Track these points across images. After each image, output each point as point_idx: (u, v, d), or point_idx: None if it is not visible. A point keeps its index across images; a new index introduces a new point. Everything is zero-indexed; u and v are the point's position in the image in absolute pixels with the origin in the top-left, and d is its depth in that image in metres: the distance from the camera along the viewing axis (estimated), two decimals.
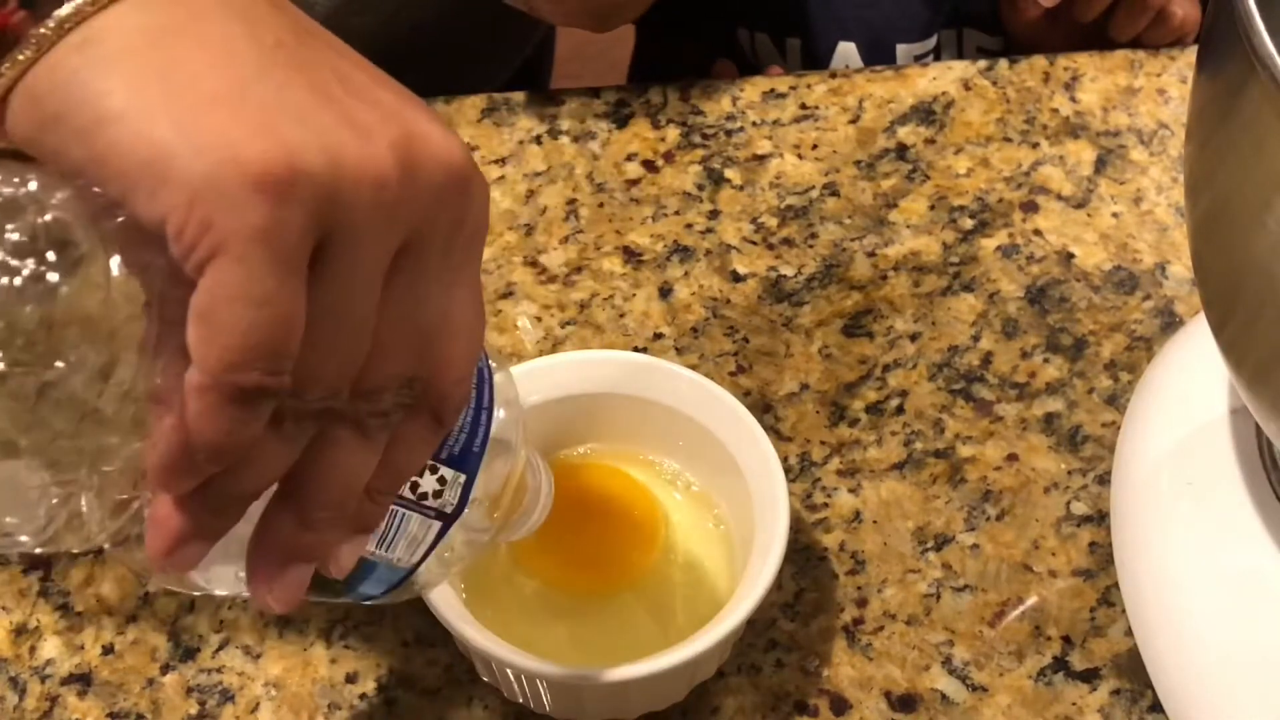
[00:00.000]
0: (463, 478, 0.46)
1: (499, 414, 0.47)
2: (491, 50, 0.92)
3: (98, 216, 0.37)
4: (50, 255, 0.36)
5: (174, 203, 0.35)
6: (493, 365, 0.47)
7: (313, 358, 0.37)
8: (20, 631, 0.62)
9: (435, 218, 0.38)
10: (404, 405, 0.40)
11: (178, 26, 0.36)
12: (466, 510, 0.46)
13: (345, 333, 0.38)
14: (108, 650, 0.61)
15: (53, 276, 0.36)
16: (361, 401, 0.39)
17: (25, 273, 0.36)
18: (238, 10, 0.37)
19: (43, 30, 0.36)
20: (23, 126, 0.37)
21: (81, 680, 0.60)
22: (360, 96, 0.38)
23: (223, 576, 0.43)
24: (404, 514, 0.45)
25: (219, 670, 0.61)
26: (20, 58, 0.36)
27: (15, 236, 0.36)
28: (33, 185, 0.36)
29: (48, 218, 0.36)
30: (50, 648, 0.61)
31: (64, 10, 0.36)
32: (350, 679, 0.60)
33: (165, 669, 0.61)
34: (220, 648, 0.61)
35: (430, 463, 0.45)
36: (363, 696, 0.60)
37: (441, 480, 0.45)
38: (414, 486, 0.45)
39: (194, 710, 0.60)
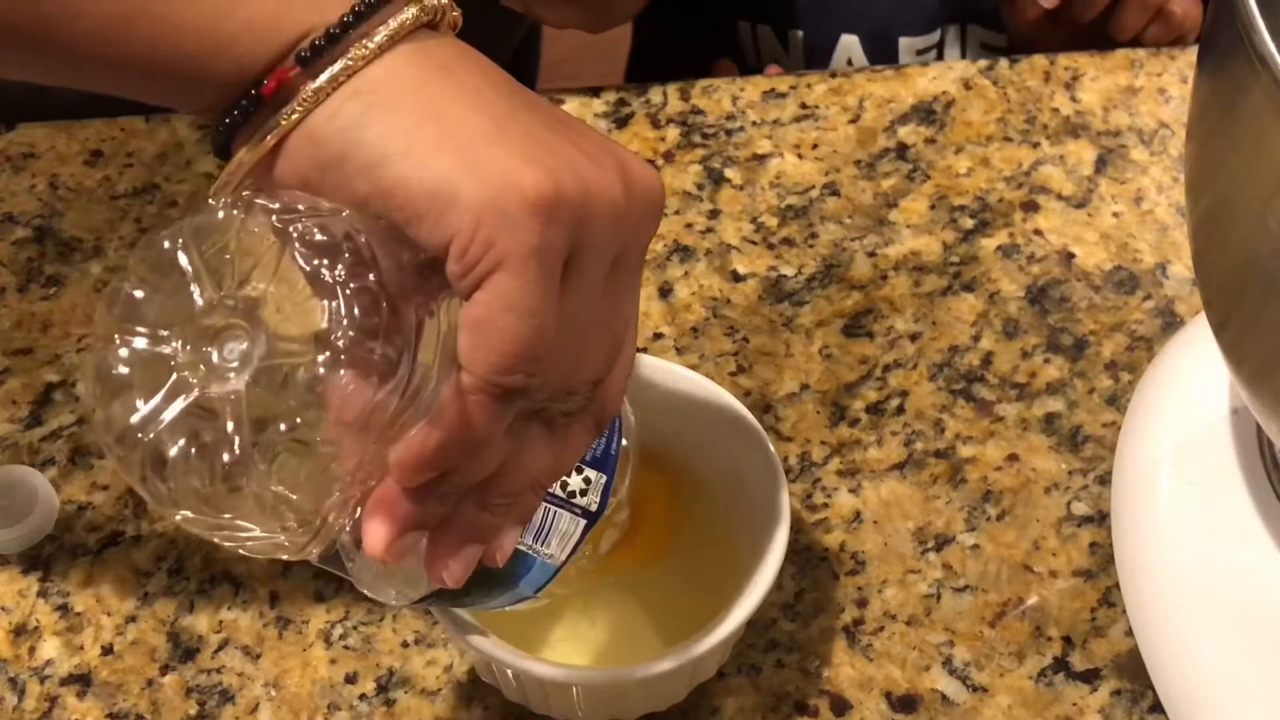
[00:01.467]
0: (604, 478, 0.49)
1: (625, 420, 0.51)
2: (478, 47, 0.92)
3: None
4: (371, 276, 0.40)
5: (460, 225, 0.39)
6: None
7: (551, 361, 0.41)
8: (20, 631, 0.62)
9: (638, 236, 0.43)
10: (583, 407, 0.44)
11: (433, 76, 0.42)
12: (606, 512, 0.50)
13: (578, 339, 0.42)
14: (107, 650, 0.61)
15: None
16: (559, 401, 0.43)
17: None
18: (472, 64, 0.43)
19: (318, 83, 0.41)
20: (299, 166, 0.41)
21: (81, 680, 0.60)
22: (578, 133, 0.43)
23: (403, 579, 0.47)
24: (556, 511, 0.48)
25: (219, 670, 0.61)
26: (299, 108, 0.41)
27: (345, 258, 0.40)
28: (346, 212, 0.41)
29: (362, 239, 0.40)
30: (50, 648, 0.61)
31: (336, 66, 0.41)
32: (350, 679, 0.60)
33: (165, 669, 0.61)
34: (220, 648, 0.61)
35: (576, 464, 0.47)
36: (363, 696, 0.60)
37: (586, 480, 0.49)
38: (563, 485, 0.48)
39: (194, 710, 0.59)
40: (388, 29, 0.41)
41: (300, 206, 0.41)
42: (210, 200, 0.41)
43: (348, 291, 0.40)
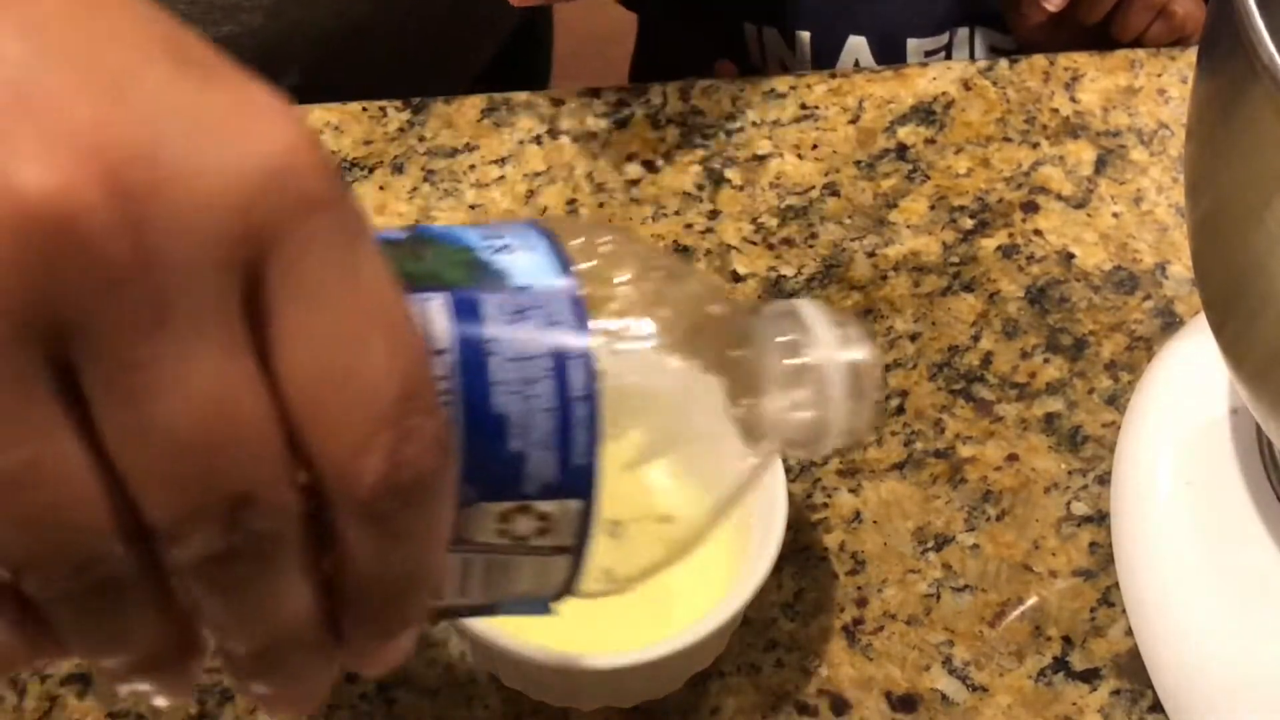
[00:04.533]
0: (574, 504, 0.35)
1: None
2: (461, 36, 0.91)
3: None
4: None
5: None
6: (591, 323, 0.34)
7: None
8: None
9: (249, 238, 0.28)
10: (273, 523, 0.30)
11: None
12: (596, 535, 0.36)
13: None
14: None
15: None
16: (181, 549, 0.31)
17: None
18: None
19: None
20: None
21: (81, 680, 0.60)
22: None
23: None
24: (507, 559, 0.36)
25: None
26: None
27: None
28: None
29: None
30: None
31: None
32: (350, 679, 0.60)
33: None
34: None
35: (519, 503, 0.34)
36: (363, 696, 0.60)
37: (543, 517, 0.35)
38: (505, 532, 0.35)
39: (194, 710, 0.59)
40: None
41: None
42: None
43: None
